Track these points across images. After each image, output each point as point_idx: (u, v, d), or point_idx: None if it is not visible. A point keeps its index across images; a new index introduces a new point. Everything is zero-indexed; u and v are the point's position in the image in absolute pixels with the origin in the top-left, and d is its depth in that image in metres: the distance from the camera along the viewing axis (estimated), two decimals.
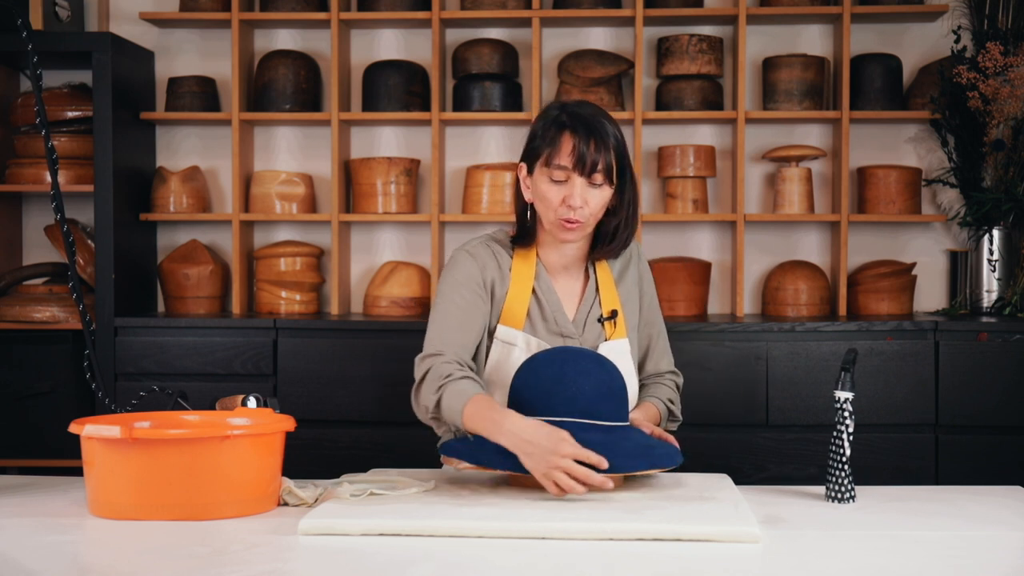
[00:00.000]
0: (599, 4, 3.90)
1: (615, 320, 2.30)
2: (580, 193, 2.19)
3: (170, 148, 4.14)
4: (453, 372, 2.12)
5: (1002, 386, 3.45)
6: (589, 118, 2.21)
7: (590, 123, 2.20)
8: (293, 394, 3.56)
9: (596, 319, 2.31)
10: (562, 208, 2.20)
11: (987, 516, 1.91)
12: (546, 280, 2.31)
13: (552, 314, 2.29)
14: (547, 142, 2.22)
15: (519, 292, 2.28)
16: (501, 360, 2.25)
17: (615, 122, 2.26)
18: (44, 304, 3.78)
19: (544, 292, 2.30)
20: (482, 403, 2.05)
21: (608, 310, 2.30)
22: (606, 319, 2.29)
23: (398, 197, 3.91)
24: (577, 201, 2.19)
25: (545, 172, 2.22)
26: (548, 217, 2.24)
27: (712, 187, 4.05)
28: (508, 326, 2.26)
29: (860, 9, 3.84)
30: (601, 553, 1.65)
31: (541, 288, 2.30)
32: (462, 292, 2.26)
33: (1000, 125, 3.76)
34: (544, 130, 2.23)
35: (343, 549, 1.69)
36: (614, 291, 2.34)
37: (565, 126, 2.21)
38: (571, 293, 2.33)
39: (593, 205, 2.21)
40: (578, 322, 2.30)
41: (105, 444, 1.85)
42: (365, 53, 4.11)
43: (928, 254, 4.03)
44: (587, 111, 2.23)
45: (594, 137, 2.19)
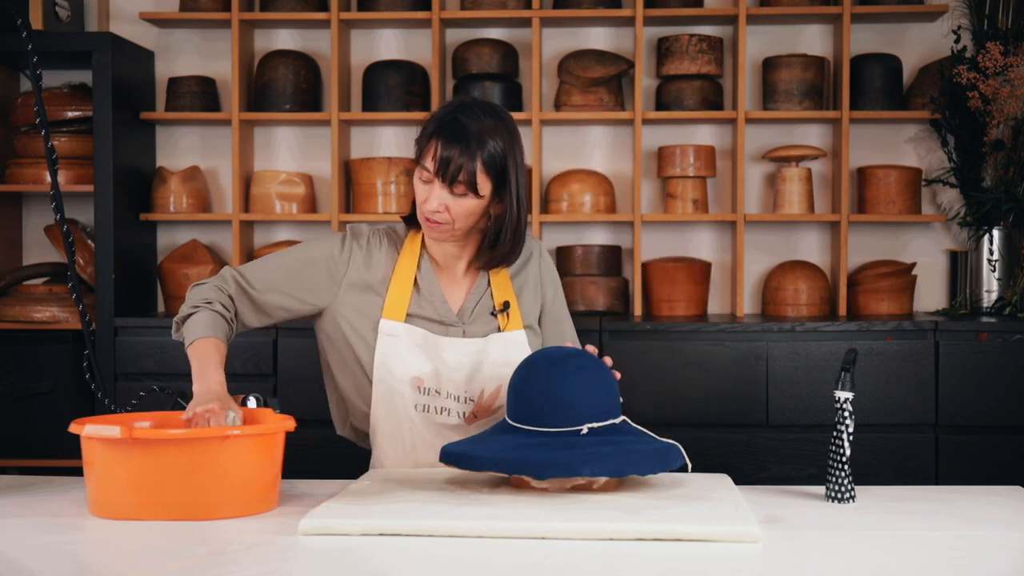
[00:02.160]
0: (599, 4, 3.90)
1: (507, 313, 2.30)
2: (438, 197, 2.20)
3: (170, 148, 4.14)
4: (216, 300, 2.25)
5: (1002, 386, 3.45)
6: (464, 126, 2.17)
7: (463, 132, 2.17)
8: (293, 394, 3.56)
9: (489, 312, 2.31)
10: (424, 206, 2.23)
11: (987, 516, 1.90)
12: (428, 271, 2.31)
13: (432, 303, 2.29)
14: (423, 139, 2.23)
15: (401, 285, 2.29)
16: (388, 353, 2.25)
17: (508, 134, 2.20)
18: (44, 304, 3.78)
19: (425, 282, 2.30)
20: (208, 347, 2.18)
21: (500, 302, 2.31)
22: (499, 311, 2.30)
23: (398, 197, 3.91)
24: (433, 205, 2.20)
25: (417, 168, 2.25)
26: (418, 212, 2.27)
27: (712, 187, 4.05)
28: (390, 319, 2.26)
29: (860, 9, 3.84)
30: (601, 553, 1.65)
31: (423, 278, 2.30)
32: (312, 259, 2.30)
33: (1000, 125, 3.76)
34: (426, 126, 2.24)
35: (343, 549, 1.69)
36: (508, 285, 2.34)
37: (437, 131, 2.20)
38: (458, 285, 2.33)
39: (455, 212, 2.21)
40: (464, 312, 2.30)
41: (105, 444, 1.85)
42: (365, 53, 4.11)
43: (928, 254, 4.03)
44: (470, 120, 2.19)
45: (460, 147, 2.17)
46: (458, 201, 2.20)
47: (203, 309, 2.24)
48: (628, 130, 4.04)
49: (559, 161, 4.05)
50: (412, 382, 2.25)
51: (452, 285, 2.33)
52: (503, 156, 2.20)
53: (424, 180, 2.23)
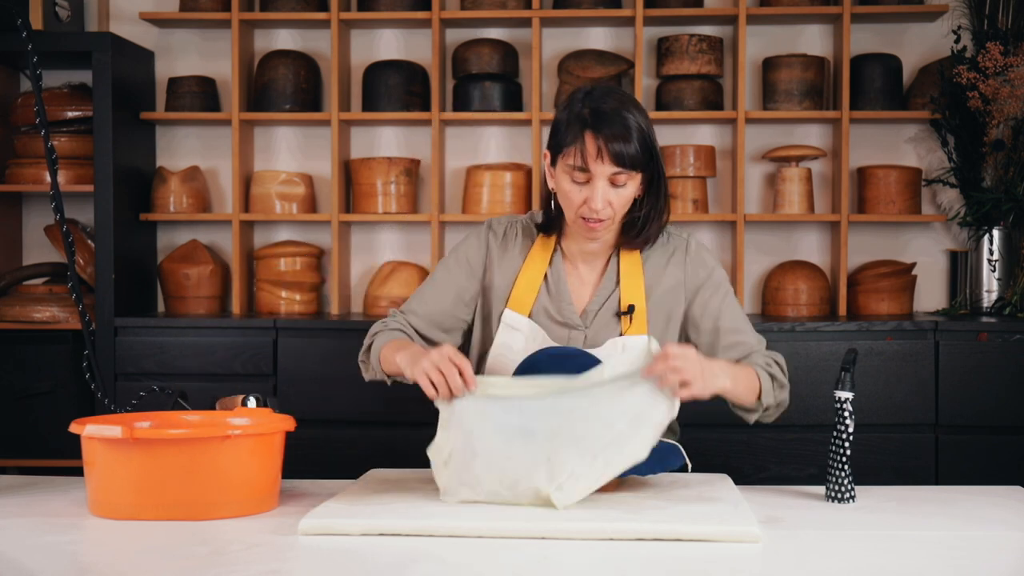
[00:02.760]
0: (599, 4, 3.90)
1: (631, 315, 2.22)
2: (602, 195, 2.13)
3: (170, 148, 4.14)
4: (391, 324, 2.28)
5: (1002, 386, 3.45)
6: (611, 114, 2.11)
7: (612, 120, 2.11)
8: (293, 394, 3.56)
9: (613, 313, 2.24)
10: (583, 208, 2.15)
11: (987, 516, 1.90)
12: (559, 268, 2.27)
13: (558, 303, 2.25)
14: (569, 139, 2.13)
15: (530, 278, 2.25)
16: (506, 343, 2.23)
17: (641, 108, 2.17)
18: (44, 304, 3.78)
19: (554, 281, 2.26)
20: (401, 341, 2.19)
21: (626, 304, 2.23)
22: (623, 313, 2.22)
23: (398, 197, 3.91)
24: (599, 204, 2.13)
25: (567, 171, 2.15)
26: (569, 215, 2.19)
27: (712, 187, 4.05)
28: (515, 311, 2.24)
29: (860, 9, 3.84)
30: (601, 553, 1.65)
31: (553, 276, 2.26)
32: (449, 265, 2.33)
33: (1000, 125, 3.76)
34: (568, 125, 2.15)
35: (343, 549, 1.69)
36: (640, 284, 2.25)
37: (587, 124, 2.12)
38: (586, 283, 2.28)
39: (617, 205, 2.15)
40: (587, 313, 2.25)
41: (105, 444, 1.85)
42: (365, 53, 4.11)
43: (928, 254, 4.03)
44: (610, 104, 2.13)
45: (616, 134, 2.10)
46: (619, 192, 2.15)
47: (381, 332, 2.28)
48: None
49: None
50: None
51: (581, 284, 2.28)
52: (647, 129, 2.16)
53: (578, 181, 2.15)
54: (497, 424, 1.92)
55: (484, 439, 1.92)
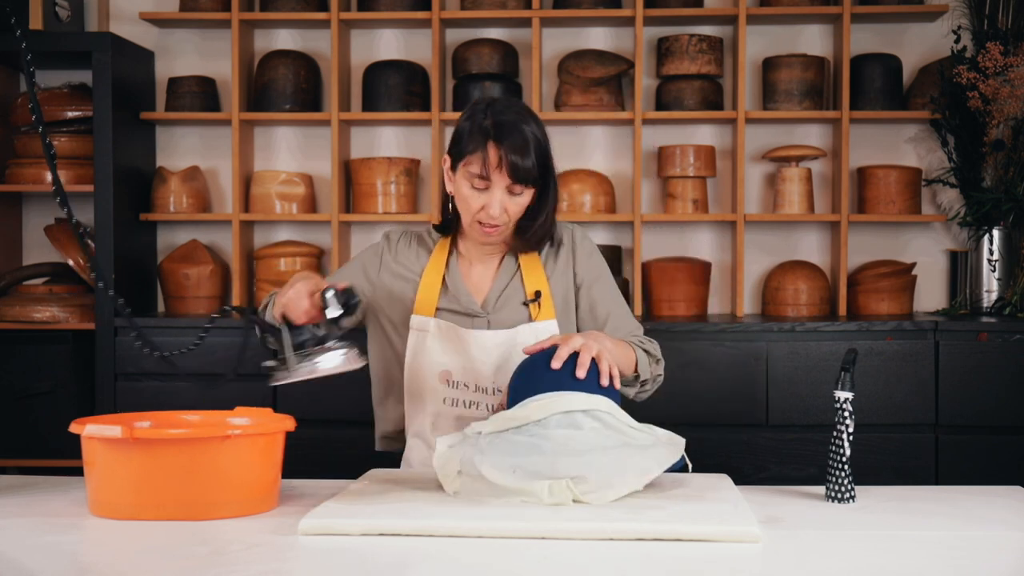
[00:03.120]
0: (599, 4, 3.90)
1: (539, 302, 2.32)
2: (499, 202, 2.23)
3: (170, 148, 4.14)
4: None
5: (1002, 386, 3.45)
6: (511, 126, 2.22)
7: (513, 131, 2.21)
8: (293, 394, 3.56)
9: (520, 302, 2.33)
10: (481, 214, 2.24)
11: (987, 516, 1.90)
12: (455, 267, 2.37)
13: (457, 296, 2.34)
14: (471, 147, 2.23)
15: (430, 282, 2.35)
16: (417, 348, 2.31)
17: (538, 121, 2.27)
18: (44, 304, 3.77)
19: (451, 279, 2.35)
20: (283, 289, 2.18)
21: (532, 292, 2.33)
22: (531, 301, 2.32)
23: (398, 197, 3.91)
24: (496, 211, 2.23)
25: (467, 177, 2.24)
26: (466, 219, 2.29)
27: (712, 187, 4.05)
28: (421, 315, 2.33)
29: (860, 9, 3.84)
30: (601, 553, 1.65)
31: (450, 275, 2.36)
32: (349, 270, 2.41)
33: (1000, 125, 3.76)
34: (470, 134, 2.24)
35: (343, 549, 1.69)
36: (540, 273, 2.35)
37: (489, 135, 2.21)
38: (484, 277, 2.38)
39: (512, 212, 2.26)
40: (488, 302, 2.34)
41: (105, 444, 1.85)
42: (365, 53, 4.11)
43: (928, 254, 4.03)
44: (510, 117, 2.23)
45: (516, 147, 2.20)
46: (515, 200, 2.25)
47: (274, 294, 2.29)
48: (628, 130, 4.04)
49: (559, 161, 3.98)
50: (440, 376, 2.29)
51: (479, 278, 2.38)
52: (543, 142, 2.27)
53: (479, 188, 2.24)
54: (508, 443, 1.93)
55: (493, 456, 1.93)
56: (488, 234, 2.27)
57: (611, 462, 1.89)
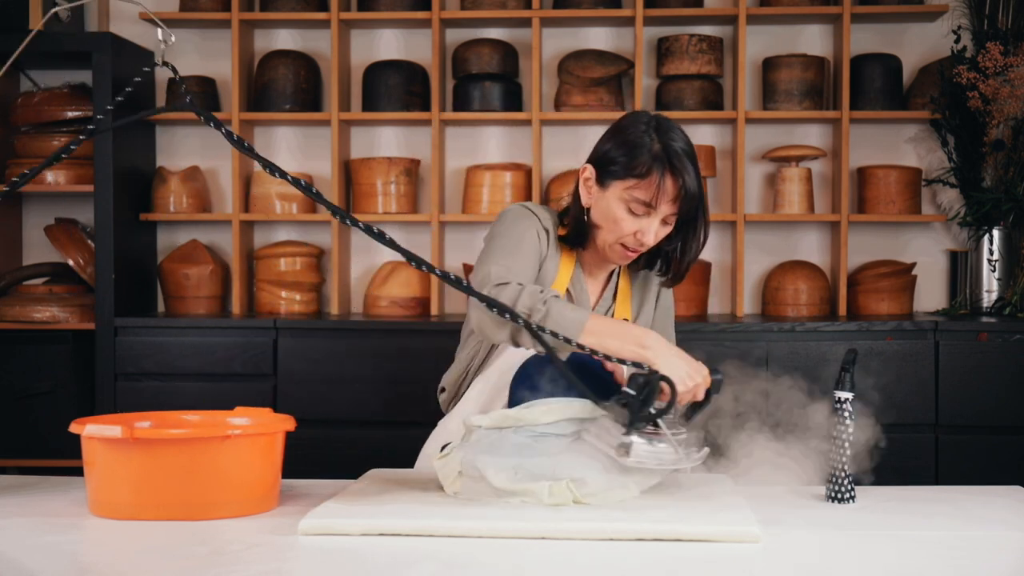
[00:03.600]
0: (599, 4, 3.90)
1: None
2: (655, 233, 2.16)
3: (170, 148, 4.14)
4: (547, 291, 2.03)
5: (1002, 386, 3.45)
6: (687, 158, 2.13)
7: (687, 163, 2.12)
8: (293, 394, 3.57)
9: None
10: (630, 239, 2.16)
11: (987, 516, 1.90)
12: (580, 279, 2.29)
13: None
14: (638, 170, 2.12)
15: (558, 284, 2.26)
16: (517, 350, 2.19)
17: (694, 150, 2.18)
18: (44, 304, 3.77)
19: (577, 292, 2.29)
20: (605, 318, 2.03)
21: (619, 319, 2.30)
22: None
23: (398, 197, 3.91)
24: (651, 240, 2.16)
25: (624, 198, 2.15)
26: (608, 238, 2.19)
27: (712, 187, 4.05)
28: None
29: (860, 9, 3.84)
30: (601, 553, 1.65)
31: (575, 287, 2.29)
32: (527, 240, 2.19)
33: (1000, 125, 3.76)
34: (636, 154, 2.13)
35: (343, 549, 1.69)
36: (628, 300, 2.33)
37: (665, 166, 2.11)
38: (594, 295, 2.33)
39: (660, 239, 2.19)
40: None
41: (105, 444, 1.85)
42: (365, 53, 4.11)
43: (928, 254, 4.03)
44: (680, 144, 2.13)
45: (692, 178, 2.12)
46: (665, 228, 2.18)
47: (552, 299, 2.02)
48: None
49: (559, 161, 4.05)
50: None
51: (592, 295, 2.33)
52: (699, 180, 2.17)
53: (637, 213, 2.14)
54: (511, 444, 1.92)
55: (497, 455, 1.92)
56: (628, 257, 2.20)
57: (612, 465, 1.90)
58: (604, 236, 2.20)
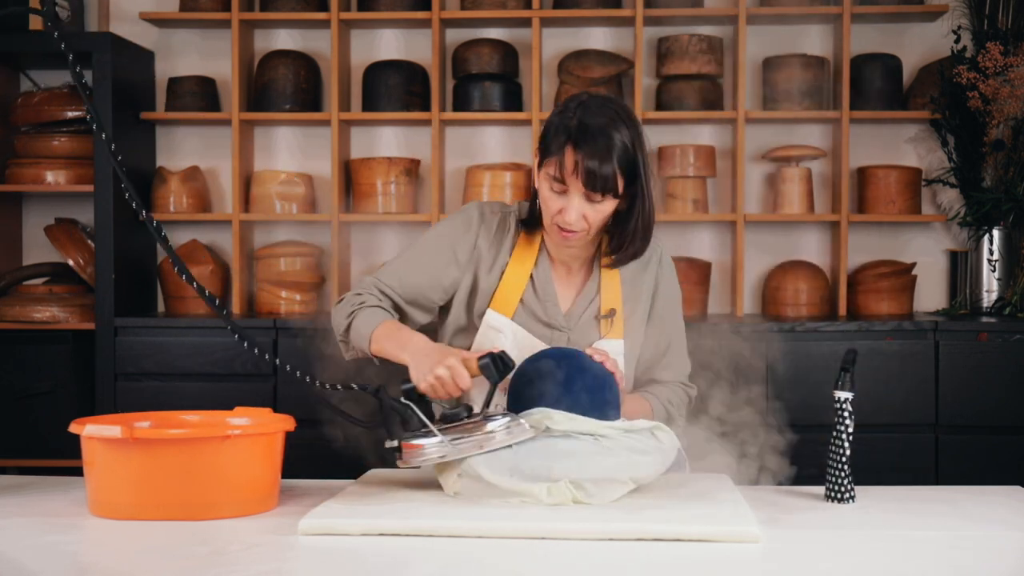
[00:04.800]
0: (599, 4, 3.90)
1: (612, 319, 2.23)
2: (577, 208, 2.11)
3: (170, 148, 4.14)
4: (367, 300, 2.21)
5: (1002, 386, 3.45)
6: (596, 130, 2.08)
7: (596, 136, 2.07)
8: (293, 394, 3.56)
9: (593, 316, 2.24)
10: (558, 217, 2.13)
11: (987, 516, 1.90)
12: (546, 269, 2.25)
13: (544, 304, 2.23)
14: (553, 148, 2.11)
15: (515, 278, 2.22)
16: (484, 345, 2.20)
17: (632, 124, 2.12)
18: (44, 304, 3.77)
19: (541, 282, 2.24)
20: (391, 325, 2.15)
21: (607, 308, 2.24)
22: (604, 317, 2.23)
23: (398, 197, 3.91)
24: (571, 217, 2.11)
25: (546, 178, 2.13)
26: (545, 219, 2.18)
27: (712, 187, 4.05)
28: (498, 312, 2.21)
29: (860, 9, 3.84)
30: (601, 553, 1.65)
31: (539, 277, 2.24)
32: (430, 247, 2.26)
33: (1000, 125, 3.76)
34: (554, 133, 2.12)
35: (343, 549, 1.69)
36: (618, 290, 2.26)
37: (570, 137, 2.09)
38: (570, 286, 2.27)
39: (592, 219, 2.13)
40: (571, 316, 2.24)
41: (105, 444, 1.85)
42: (365, 53, 4.11)
43: (928, 254, 4.03)
44: (599, 121, 2.09)
45: (596, 153, 2.07)
46: (596, 207, 2.12)
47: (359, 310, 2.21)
48: None
49: None
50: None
51: (565, 286, 2.27)
52: (632, 149, 2.11)
53: (557, 191, 2.12)
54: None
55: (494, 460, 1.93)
56: (566, 238, 2.15)
57: (611, 465, 1.90)
58: (544, 219, 2.19)
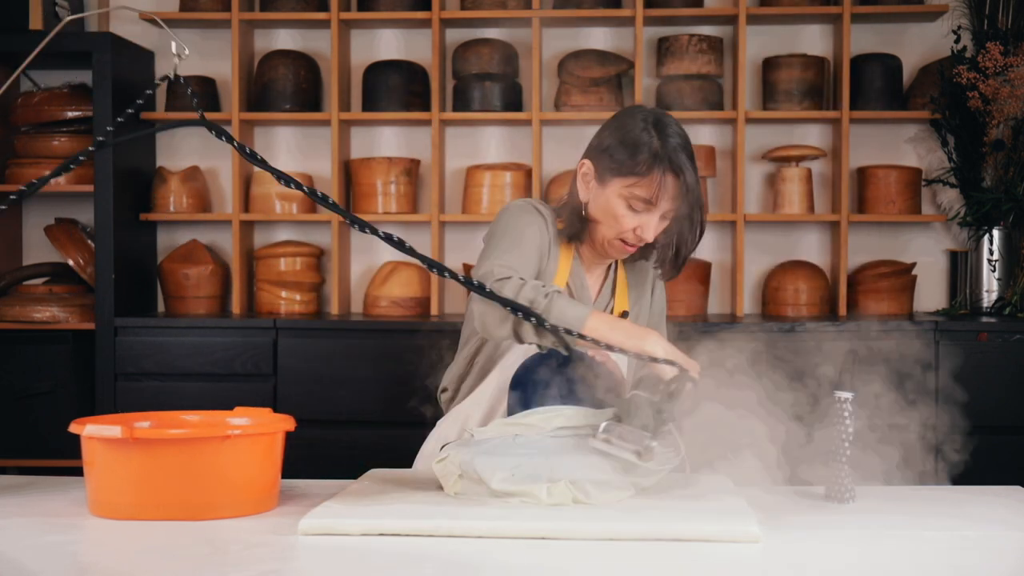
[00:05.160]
0: (599, 4, 3.90)
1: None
2: (655, 227, 2.16)
3: (170, 148, 4.14)
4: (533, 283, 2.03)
5: (1002, 386, 3.45)
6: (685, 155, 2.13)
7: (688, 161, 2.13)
8: (293, 394, 3.56)
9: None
10: (630, 235, 2.17)
11: (987, 516, 1.90)
12: (580, 273, 2.29)
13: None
14: (639, 169, 2.13)
15: (558, 278, 2.27)
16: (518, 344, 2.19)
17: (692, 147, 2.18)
18: (44, 304, 3.77)
19: (576, 287, 2.29)
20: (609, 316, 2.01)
21: (619, 311, 2.30)
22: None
23: (398, 197, 3.91)
24: (650, 236, 2.16)
25: (624, 195, 2.15)
26: (607, 233, 2.20)
27: (712, 187, 4.05)
28: None
29: (860, 9, 3.84)
30: (601, 553, 1.65)
31: (574, 281, 2.29)
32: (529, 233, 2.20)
33: (1000, 125, 3.76)
34: (635, 151, 2.13)
35: (343, 549, 1.69)
36: (626, 293, 2.33)
37: (666, 164, 2.11)
38: (593, 289, 2.33)
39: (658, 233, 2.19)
40: None
41: (105, 444, 1.85)
42: (365, 53, 4.11)
43: (928, 254, 4.03)
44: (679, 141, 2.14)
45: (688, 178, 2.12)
46: (663, 223, 2.18)
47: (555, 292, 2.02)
48: None
49: (559, 161, 4.05)
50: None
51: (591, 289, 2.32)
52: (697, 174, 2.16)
53: (637, 209, 2.15)
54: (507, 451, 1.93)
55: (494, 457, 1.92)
56: (627, 251, 2.20)
57: (610, 466, 1.90)
58: (603, 231, 2.21)
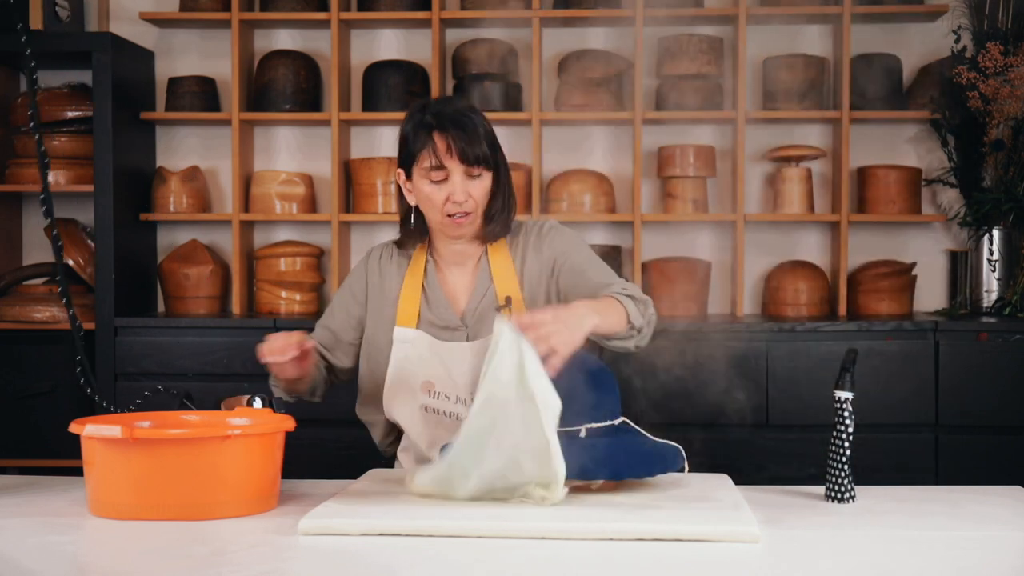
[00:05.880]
0: (599, 4, 3.90)
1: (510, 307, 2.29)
2: (462, 187, 2.24)
3: (170, 148, 4.14)
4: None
5: (1002, 386, 3.45)
6: (453, 114, 2.25)
7: (455, 118, 2.24)
8: None
9: (492, 307, 2.32)
10: (448, 205, 2.25)
11: (987, 516, 1.90)
12: (433, 276, 2.36)
13: (436, 310, 2.33)
14: (420, 145, 2.25)
15: (410, 293, 2.35)
16: (401, 359, 2.31)
17: (479, 111, 2.31)
18: (44, 304, 3.77)
19: (431, 289, 2.35)
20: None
21: (503, 297, 2.31)
22: (501, 307, 2.30)
23: (398, 197, 3.90)
24: (460, 196, 2.24)
25: (424, 174, 2.26)
26: (435, 217, 2.29)
27: (712, 187, 4.05)
28: (403, 326, 2.32)
29: (860, 9, 3.84)
30: (601, 553, 1.65)
31: (429, 285, 2.35)
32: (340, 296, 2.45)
33: (1000, 125, 3.76)
34: (414, 133, 2.26)
35: (343, 549, 1.69)
36: (512, 276, 2.33)
37: (433, 127, 2.24)
38: (463, 286, 2.36)
39: (477, 196, 2.26)
40: (467, 313, 2.32)
41: (105, 444, 1.85)
42: (365, 53, 4.11)
43: (928, 254, 4.03)
44: (450, 108, 2.27)
45: (464, 130, 2.23)
46: (476, 184, 2.26)
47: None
48: (628, 130, 4.04)
49: (559, 161, 4.05)
50: (422, 386, 2.29)
51: (456, 285, 2.36)
52: (486, 124, 2.29)
53: (436, 180, 2.25)
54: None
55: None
56: (460, 224, 2.27)
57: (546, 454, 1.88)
58: (432, 218, 2.30)
